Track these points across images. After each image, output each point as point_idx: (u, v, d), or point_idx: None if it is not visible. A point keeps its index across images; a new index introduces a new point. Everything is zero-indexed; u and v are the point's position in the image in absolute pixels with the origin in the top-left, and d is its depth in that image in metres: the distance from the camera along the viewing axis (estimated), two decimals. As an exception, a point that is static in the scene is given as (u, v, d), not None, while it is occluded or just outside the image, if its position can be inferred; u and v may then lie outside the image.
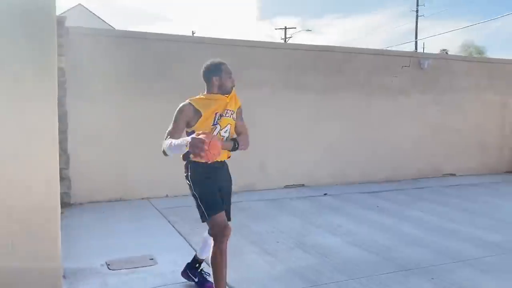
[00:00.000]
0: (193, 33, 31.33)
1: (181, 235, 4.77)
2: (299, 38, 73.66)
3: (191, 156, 2.92)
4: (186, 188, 3.10)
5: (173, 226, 5.10)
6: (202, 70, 3.12)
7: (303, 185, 7.61)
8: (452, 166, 8.93)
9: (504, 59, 9.55)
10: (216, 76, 3.04)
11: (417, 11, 37.46)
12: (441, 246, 4.51)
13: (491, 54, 43.02)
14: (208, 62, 3.12)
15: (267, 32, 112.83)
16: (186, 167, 3.09)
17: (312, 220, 5.49)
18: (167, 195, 6.55)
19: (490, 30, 76.07)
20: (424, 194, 7.23)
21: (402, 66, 8.24)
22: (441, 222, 5.44)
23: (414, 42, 35.51)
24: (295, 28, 65.10)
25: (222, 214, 2.98)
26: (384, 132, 8.17)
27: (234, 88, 3.12)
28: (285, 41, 35.78)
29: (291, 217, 5.66)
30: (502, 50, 75.72)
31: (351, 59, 7.94)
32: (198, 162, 2.94)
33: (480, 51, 45.58)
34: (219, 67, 3.07)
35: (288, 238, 4.72)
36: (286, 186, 7.47)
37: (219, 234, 2.92)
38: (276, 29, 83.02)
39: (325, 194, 7.02)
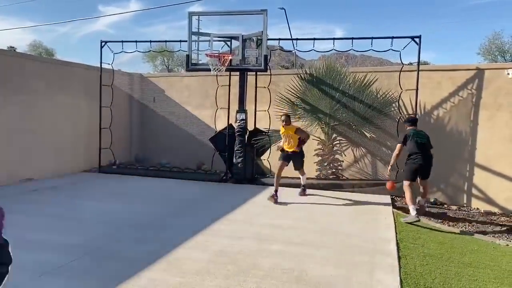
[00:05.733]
0: None
1: None
2: None
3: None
4: None
5: None
6: None
7: None
8: (30, 170, 8.48)
9: (74, 63, 9.92)
10: None
11: (-22, -1, 33.63)
12: (23, 261, 4.08)
13: (61, 56, 44.44)
14: None
15: None
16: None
17: None
18: None
19: (57, 33, 78.53)
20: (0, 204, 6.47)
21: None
22: (22, 233, 4.95)
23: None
24: None
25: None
26: None
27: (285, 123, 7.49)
28: None
29: None
30: (70, 53, 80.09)
31: None
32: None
33: (50, 53, 46.21)
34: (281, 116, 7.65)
35: None
36: None
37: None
38: None
39: None
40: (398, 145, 6.92)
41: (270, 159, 8.98)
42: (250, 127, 9.14)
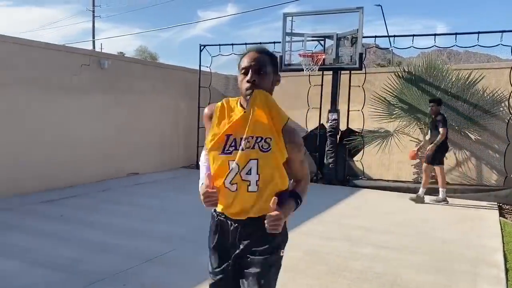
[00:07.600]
0: None
1: None
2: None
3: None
4: None
5: None
6: None
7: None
8: (135, 165, 9.22)
9: (175, 66, 10.58)
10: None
11: (93, 10, 37.26)
12: (130, 248, 4.49)
13: (163, 60, 47.42)
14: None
15: None
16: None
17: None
18: None
19: (161, 39, 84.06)
20: (110, 195, 7.14)
21: (82, 65, 7.87)
22: (129, 223, 5.45)
23: (91, 42, 35.22)
24: None
25: None
26: (64, 133, 7.62)
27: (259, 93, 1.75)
28: None
29: None
30: (171, 57, 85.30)
31: (24, 52, 6.99)
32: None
33: (153, 57, 49.60)
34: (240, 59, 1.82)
35: None
36: None
37: None
38: None
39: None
40: (444, 129, 6.93)
41: (363, 160, 8.75)
42: (342, 127, 8.99)
